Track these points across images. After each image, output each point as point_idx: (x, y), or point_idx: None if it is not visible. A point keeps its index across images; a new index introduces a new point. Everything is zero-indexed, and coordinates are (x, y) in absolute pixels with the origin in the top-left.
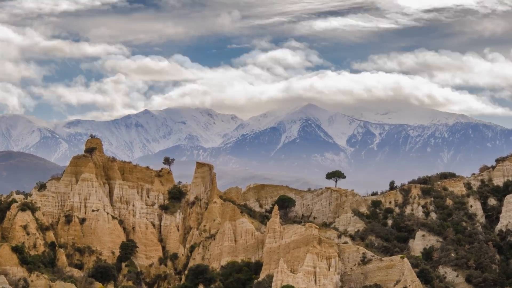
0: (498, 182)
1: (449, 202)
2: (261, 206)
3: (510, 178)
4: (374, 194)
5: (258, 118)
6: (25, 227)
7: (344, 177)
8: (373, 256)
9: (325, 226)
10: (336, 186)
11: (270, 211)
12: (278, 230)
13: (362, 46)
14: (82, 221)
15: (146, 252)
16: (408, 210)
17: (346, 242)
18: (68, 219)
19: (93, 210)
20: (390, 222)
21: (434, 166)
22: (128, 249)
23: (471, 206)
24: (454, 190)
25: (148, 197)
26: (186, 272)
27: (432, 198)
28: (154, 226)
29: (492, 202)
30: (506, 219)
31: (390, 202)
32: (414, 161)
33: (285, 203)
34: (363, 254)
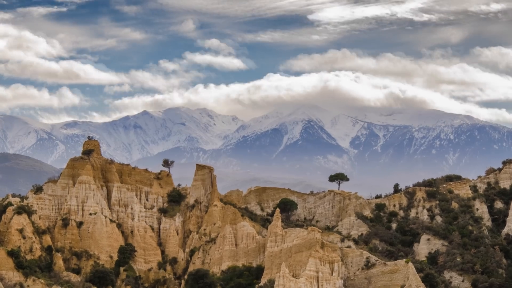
0: (505, 184)
1: (454, 205)
2: (262, 209)
3: None
4: (378, 197)
5: (260, 119)
6: (21, 231)
7: (347, 179)
8: (377, 260)
9: (328, 229)
10: (339, 189)
11: (272, 215)
12: (280, 234)
13: None
14: (80, 224)
15: (145, 256)
16: (412, 213)
17: (349, 246)
18: (65, 223)
19: (90, 214)
20: (394, 225)
21: (439, 169)
22: (126, 253)
23: (477, 210)
24: (460, 193)
25: (147, 200)
26: (186, 276)
27: (437, 201)
28: (153, 229)
29: (498, 205)
30: None
31: (394, 205)
32: (419, 163)
33: (287, 206)
34: (367, 258)
